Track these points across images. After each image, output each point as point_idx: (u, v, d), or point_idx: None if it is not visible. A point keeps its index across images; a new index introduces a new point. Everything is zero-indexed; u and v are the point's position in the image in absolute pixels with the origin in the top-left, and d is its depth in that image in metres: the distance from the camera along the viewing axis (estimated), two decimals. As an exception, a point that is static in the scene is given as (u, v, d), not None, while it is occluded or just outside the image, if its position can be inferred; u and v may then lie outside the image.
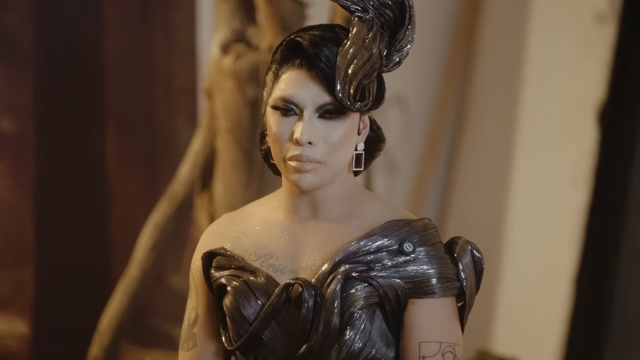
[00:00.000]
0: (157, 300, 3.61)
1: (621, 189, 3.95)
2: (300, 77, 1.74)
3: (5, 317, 3.39)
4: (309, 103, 1.73)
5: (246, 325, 1.76)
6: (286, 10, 2.95)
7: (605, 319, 3.95)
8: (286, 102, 1.74)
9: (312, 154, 1.73)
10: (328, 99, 1.73)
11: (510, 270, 4.22)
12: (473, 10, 4.44)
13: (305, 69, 1.73)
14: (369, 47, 1.73)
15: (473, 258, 1.80)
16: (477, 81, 4.44)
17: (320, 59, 1.72)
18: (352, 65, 1.71)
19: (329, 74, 1.71)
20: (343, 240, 1.78)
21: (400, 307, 1.75)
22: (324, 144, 1.74)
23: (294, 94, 1.73)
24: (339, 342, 1.73)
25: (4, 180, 3.37)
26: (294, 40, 1.75)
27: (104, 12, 3.56)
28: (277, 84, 1.76)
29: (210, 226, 1.91)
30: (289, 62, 1.75)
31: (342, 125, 1.75)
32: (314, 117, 1.74)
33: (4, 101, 3.36)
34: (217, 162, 3.11)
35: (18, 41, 3.37)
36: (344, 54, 1.72)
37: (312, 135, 1.72)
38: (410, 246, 1.75)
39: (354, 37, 1.73)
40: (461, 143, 4.47)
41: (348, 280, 1.73)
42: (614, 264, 3.95)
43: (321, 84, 1.72)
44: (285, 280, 1.75)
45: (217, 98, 3.06)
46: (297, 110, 1.74)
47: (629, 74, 3.97)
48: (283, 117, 1.75)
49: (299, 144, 1.72)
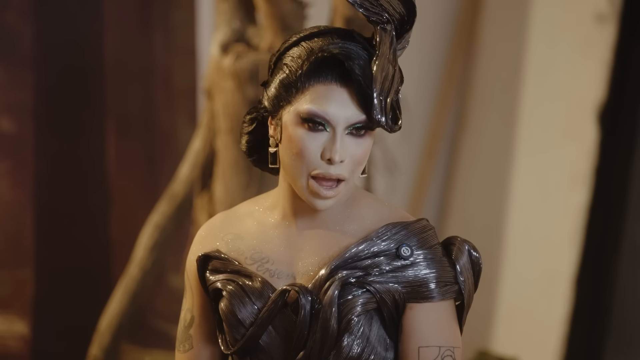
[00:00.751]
0: (157, 300, 3.61)
1: (621, 189, 3.95)
2: (333, 94, 1.67)
3: (5, 317, 3.39)
4: (342, 121, 1.67)
5: (242, 329, 1.75)
6: (286, 10, 2.95)
7: (606, 319, 3.95)
8: (317, 118, 1.68)
9: (340, 172, 1.69)
10: (362, 117, 1.68)
11: (510, 270, 4.22)
12: (473, 10, 4.44)
13: (339, 84, 1.67)
14: (392, 61, 1.68)
15: (471, 258, 1.78)
16: (477, 81, 4.44)
17: (357, 73, 1.66)
18: (385, 81, 1.66)
19: (364, 90, 1.66)
20: (340, 245, 1.76)
21: (399, 312, 1.74)
22: (350, 161, 1.70)
23: (327, 111, 1.67)
24: (336, 348, 1.71)
25: (3, 180, 3.37)
26: (326, 55, 1.68)
27: (104, 12, 3.56)
28: (304, 96, 1.69)
29: (204, 225, 1.88)
30: (319, 76, 1.68)
31: (367, 141, 1.71)
32: (344, 134, 1.69)
33: (4, 101, 3.36)
34: (217, 162, 3.11)
35: (18, 41, 3.38)
36: (377, 69, 1.66)
37: (345, 154, 1.68)
38: (407, 250, 1.73)
39: (381, 50, 1.67)
40: (461, 143, 4.47)
41: (345, 286, 1.71)
42: (614, 264, 3.95)
43: (356, 101, 1.67)
44: (282, 286, 1.74)
45: (217, 98, 3.06)
46: (327, 128, 1.68)
47: (629, 74, 3.97)
48: (311, 132, 1.68)
49: (332, 163, 1.68)
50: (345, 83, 1.67)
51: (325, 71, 1.68)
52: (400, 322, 1.75)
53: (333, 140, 1.68)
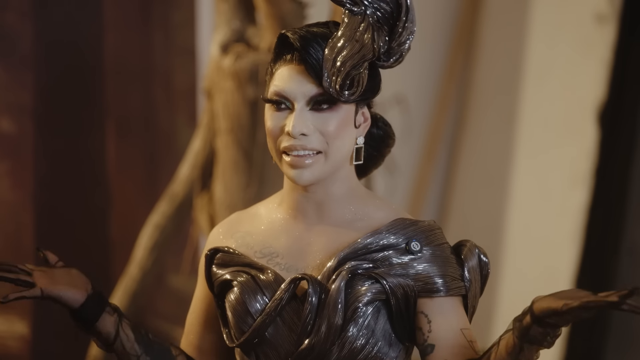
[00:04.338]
0: (157, 300, 3.61)
1: (621, 189, 3.95)
2: (290, 72, 1.77)
3: (5, 317, 3.39)
4: (300, 96, 1.76)
5: (250, 322, 1.77)
6: (286, 10, 2.95)
7: (606, 320, 3.95)
8: (278, 97, 1.77)
9: (309, 144, 1.75)
10: (317, 90, 1.75)
11: (511, 270, 4.22)
12: (473, 10, 4.45)
13: (296, 63, 1.76)
14: (359, 39, 1.75)
15: (480, 262, 1.82)
16: (477, 81, 4.44)
17: (309, 52, 1.74)
18: (340, 56, 1.73)
19: (317, 66, 1.74)
20: (349, 239, 1.79)
21: (409, 305, 1.75)
22: (320, 135, 1.75)
23: (285, 88, 1.76)
24: (341, 339, 1.73)
25: (3, 180, 3.37)
26: (283, 35, 1.78)
27: (104, 12, 3.56)
28: (272, 80, 1.79)
29: (221, 222, 1.93)
30: (280, 59, 1.78)
31: (336, 115, 1.76)
32: (306, 110, 1.76)
33: (3, 101, 3.36)
34: (216, 162, 3.11)
35: (18, 41, 3.37)
36: (332, 45, 1.74)
37: (303, 126, 1.75)
38: (417, 245, 1.76)
39: (344, 29, 1.75)
40: (461, 143, 4.47)
41: (354, 276, 1.74)
42: (614, 264, 3.95)
43: (310, 77, 1.75)
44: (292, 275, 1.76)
45: (217, 98, 3.06)
46: (289, 104, 1.77)
47: (629, 74, 3.97)
48: (276, 111, 1.78)
49: (291, 136, 1.74)
50: (301, 61, 1.76)
51: (285, 53, 1.78)
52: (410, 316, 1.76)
53: (291, 115, 1.76)
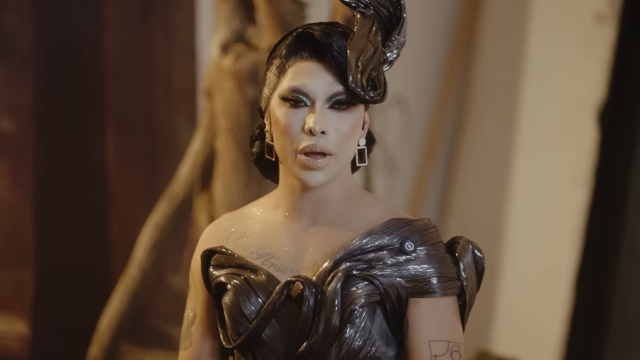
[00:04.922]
0: (157, 300, 3.61)
1: (621, 189, 3.95)
2: (310, 68, 1.74)
3: (5, 317, 3.39)
4: (321, 93, 1.73)
5: (246, 324, 1.76)
6: (286, 11, 2.95)
7: (605, 319, 3.95)
8: (296, 93, 1.73)
9: (325, 144, 1.72)
10: (340, 88, 1.73)
11: (510, 270, 4.22)
12: (473, 10, 4.44)
13: (316, 60, 1.74)
14: (373, 42, 1.74)
15: (474, 258, 1.81)
16: (477, 81, 4.44)
17: (333, 48, 1.72)
18: (362, 57, 1.71)
19: (341, 63, 1.72)
20: (344, 240, 1.78)
21: (402, 306, 1.75)
22: (335, 135, 1.73)
23: (305, 84, 1.73)
24: (339, 340, 1.73)
25: (3, 180, 3.37)
26: (304, 32, 1.75)
27: (104, 12, 3.56)
28: (285, 77, 1.75)
29: (209, 225, 1.91)
30: (297, 55, 1.75)
31: (351, 116, 1.75)
32: (325, 107, 1.73)
33: (3, 101, 3.36)
34: (216, 162, 3.11)
35: (18, 41, 3.37)
36: (353, 45, 1.72)
37: (325, 124, 1.72)
38: (411, 245, 1.76)
39: (360, 31, 1.73)
40: (461, 143, 4.47)
41: (349, 278, 1.74)
42: (614, 264, 3.95)
43: (333, 74, 1.72)
44: (287, 278, 1.76)
45: (217, 98, 3.06)
46: (307, 101, 1.74)
47: (629, 74, 3.97)
48: (293, 108, 1.74)
49: (313, 134, 1.72)
50: (322, 59, 1.73)
51: (302, 50, 1.75)
52: (403, 317, 1.76)
53: (313, 112, 1.72)
